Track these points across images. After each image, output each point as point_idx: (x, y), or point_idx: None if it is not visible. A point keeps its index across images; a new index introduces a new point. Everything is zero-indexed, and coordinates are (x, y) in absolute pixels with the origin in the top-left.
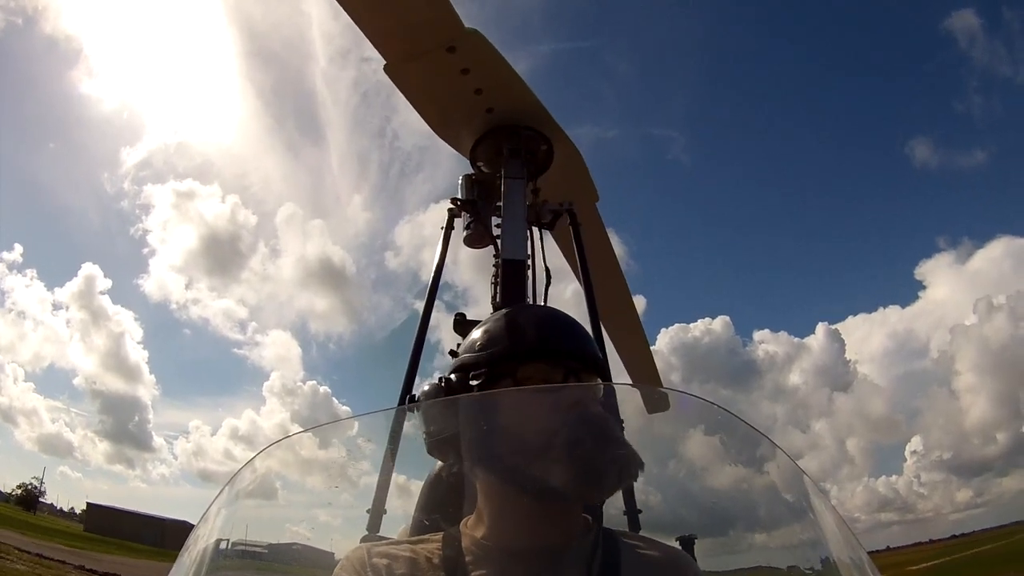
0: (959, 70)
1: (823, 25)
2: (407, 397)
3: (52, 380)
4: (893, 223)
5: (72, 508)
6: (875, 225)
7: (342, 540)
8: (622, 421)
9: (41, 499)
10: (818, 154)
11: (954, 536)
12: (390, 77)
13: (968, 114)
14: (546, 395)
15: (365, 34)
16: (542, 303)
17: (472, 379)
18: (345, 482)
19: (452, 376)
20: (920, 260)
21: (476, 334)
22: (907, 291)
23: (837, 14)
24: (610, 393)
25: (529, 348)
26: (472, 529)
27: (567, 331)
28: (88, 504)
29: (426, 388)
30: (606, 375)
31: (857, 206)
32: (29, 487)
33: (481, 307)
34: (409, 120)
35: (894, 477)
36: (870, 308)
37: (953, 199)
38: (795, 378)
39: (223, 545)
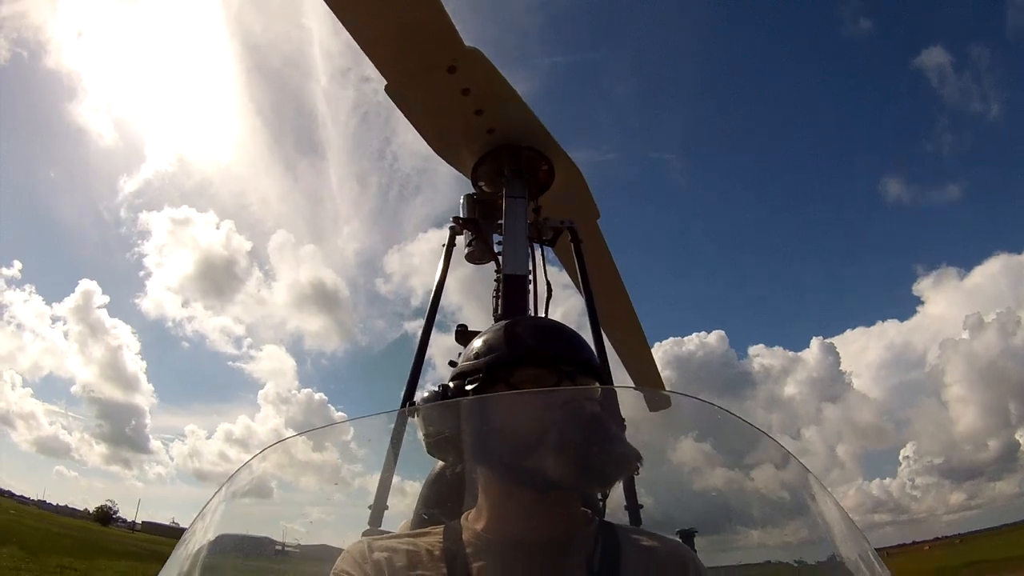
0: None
1: (822, 38)
2: (408, 404)
3: (50, 387)
4: (890, 242)
5: (134, 521)
6: (871, 243)
7: (343, 536)
8: (624, 423)
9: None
10: (817, 180)
11: (938, 539)
12: (391, 98)
13: (934, 148)
14: (541, 395)
15: (367, 55)
16: (543, 316)
17: (468, 384)
18: (344, 482)
19: (451, 383)
20: (918, 277)
21: (475, 343)
22: (906, 306)
23: (834, 34)
24: (610, 396)
25: (523, 354)
26: (473, 522)
27: (562, 338)
28: None
29: (425, 395)
30: (604, 381)
31: (851, 223)
32: (104, 507)
33: (475, 325)
34: (408, 142)
35: (888, 480)
36: (869, 322)
37: (957, 217)
38: (790, 390)
39: (219, 541)
